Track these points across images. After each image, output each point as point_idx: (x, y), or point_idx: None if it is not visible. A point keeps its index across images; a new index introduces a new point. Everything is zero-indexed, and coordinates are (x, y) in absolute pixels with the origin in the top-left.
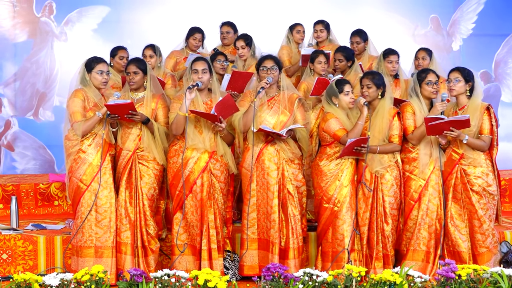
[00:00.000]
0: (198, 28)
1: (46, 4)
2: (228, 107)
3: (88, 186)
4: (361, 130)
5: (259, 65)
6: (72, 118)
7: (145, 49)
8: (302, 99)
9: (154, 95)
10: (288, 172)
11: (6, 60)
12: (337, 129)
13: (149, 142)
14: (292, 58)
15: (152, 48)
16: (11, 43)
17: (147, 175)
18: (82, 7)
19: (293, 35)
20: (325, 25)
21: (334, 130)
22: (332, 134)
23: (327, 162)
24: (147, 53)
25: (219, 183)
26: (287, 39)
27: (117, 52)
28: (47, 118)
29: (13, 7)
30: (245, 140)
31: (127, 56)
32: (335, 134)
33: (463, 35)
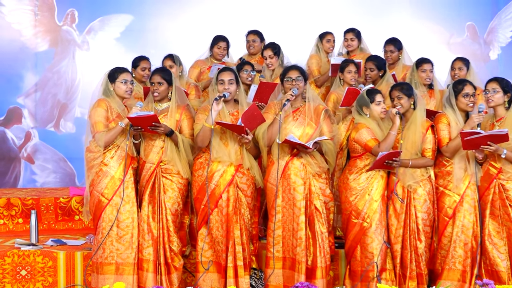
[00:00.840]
0: (222, 37)
1: (68, 13)
2: (254, 118)
3: (110, 200)
4: (393, 140)
5: (284, 76)
6: (94, 128)
7: (164, 60)
8: (328, 110)
9: (178, 106)
10: (315, 187)
11: (27, 70)
12: (369, 139)
13: (173, 155)
14: (322, 68)
15: (171, 58)
16: (32, 52)
17: (171, 189)
18: (105, 15)
19: (323, 44)
20: (355, 34)
21: (365, 140)
22: (363, 145)
23: (357, 176)
24: (166, 63)
25: (245, 198)
26: (317, 48)
27: (139, 63)
28: (68, 129)
29: (35, 15)
30: (270, 153)
31: (149, 67)
32: (367, 144)
33: (502, 43)
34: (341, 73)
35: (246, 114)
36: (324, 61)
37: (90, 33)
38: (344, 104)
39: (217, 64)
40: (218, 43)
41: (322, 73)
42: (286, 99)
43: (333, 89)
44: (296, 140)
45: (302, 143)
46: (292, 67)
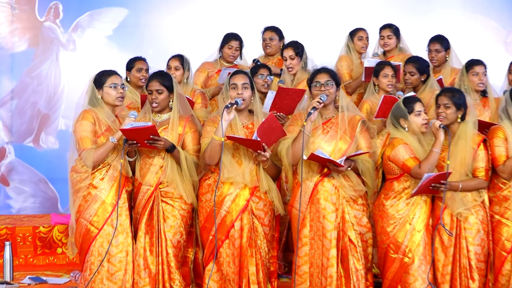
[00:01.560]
0: (234, 35)
1: (51, 6)
2: (272, 131)
3: (100, 229)
4: (437, 159)
5: (312, 80)
6: (80, 145)
7: (171, 60)
8: (366, 122)
9: (181, 117)
10: (349, 215)
11: (2, 74)
12: (407, 158)
13: (174, 175)
14: (353, 71)
15: (180, 58)
16: (8, 53)
17: (172, 217)
18: (94, 9)
19: (354, 42)
20: (393, 30)
21: (403, 159)
22: (400, 165)
23: (395, 201)
24: (173, 64)
25: (262, 227)
26: (347, 48)
27: (134, 63)
28: (50, 145)
29: (11, 9)
30: (295, 173)
31: (147, 68)
32: (404, 165)
33: None
34: (375, 78)
35: (262, 126)
36: (356, 64)
37: (77, 30)
38: (380, 115)
39: (227, 67)
40: (229, 42)
41: (354, 78)
42: (312, 107)
43: (366, 97)
44: (324, 156)
45: (332, 159)
46: (322, 69)
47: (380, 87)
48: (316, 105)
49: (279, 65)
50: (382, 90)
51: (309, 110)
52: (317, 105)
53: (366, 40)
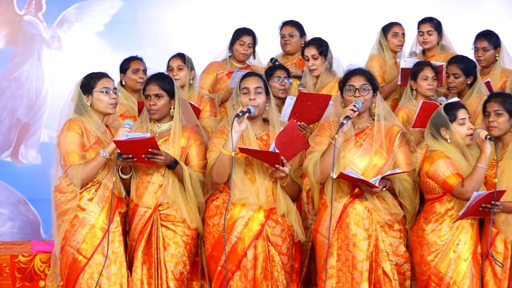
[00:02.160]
0: (247, 29)
1: None
2: (292, 142)
3: (89, 259)
4: (482, 177)
5: (344, 84)
6: (66, 161)
7: (172, 60)
8: (406, 133)
9: (184, 127)
10: (384, 243)
11: None
12: (448, 175)
13: (176, 195)
14: (387, 73)
15: (182, 58)
16: None
17: (174, 244)
18: (83, 0)
19: (388, 39)
20: (434, 25)
21: (443, 176)
22: (440, 182)
23: (437, 225)
24: (174, 64)
25: (279, 256)
26: (379, 46)
27: (128, 64)
28: (31, 160)
29: None
30: (322, 193)
31: (144, 69)
32: (445, 182)
33: None
34: (413, 81)
35: (281, 136)
36: (390, 64)
37: (63, 26)
38: (418, 125)
39: (240, 69)
40: (241, 37)
41: (387, 81)
42: (345, 117)
43: (402, 104)
44: (355, 175)
45: (364, 179)
46: (357, 71)
47: (418, 91)
48: (350, 113)
49: (300, 66)
50: (421, 95)
51: (341, 120)
52: (351, 114)
53: (402, 36)
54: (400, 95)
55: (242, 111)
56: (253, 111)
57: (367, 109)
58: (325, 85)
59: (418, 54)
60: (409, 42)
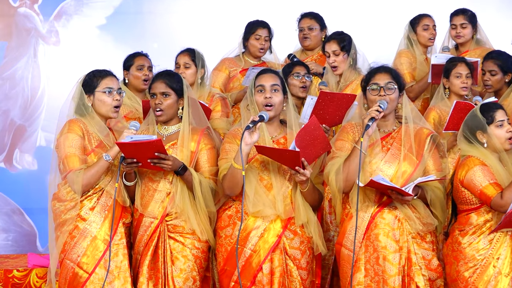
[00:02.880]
0: (262, 22)
1: None
2: (314, 141)
3: (91, 273)
4: None
5: (367, 82)
6: (65, 165)
7: (179, 56)
8: (437, 137)
9: (194, 130)
10: (416, 256)
11: None
12: (486, 185)
13: (185, 205)
14: (417, 71)
15: (190, 53)
16: None
17: (183, 258)
18: None
19: (418, 33)
20: (468, 17)
21: (480, 186)
22: (477, 193)
23: (474, 238)
24: (181, 60)
25: (298, 270)
26: (408, 41)
27: (132, 61)
28: (26, 166)
29: None
30: (346, 202)
31: (150, 66)
32: (482, 193)
33: None
34: (446, 79)
35: (303, 133)
36: (420, 60)
37: (61, 19)
38: (450, 127)
39: (255, 66)
40: (256, 31)
41: (417, 79)
42: (370, 118)
43: (434, 104)
44: (387, 183)
45: (397, 186)
46: (381, 68)
47: (451, 90)
48: (375, 115)
49: (321, 62)
50: (454, 94)
51: (366, 122)
52: (376, 116)
53: (433, 29)
54: (432, 94)
55: (253, 120)
56: (267, 117)
57: (392, 110)
58: (349, 83)
59: (450, 50)
60: (441, 37)
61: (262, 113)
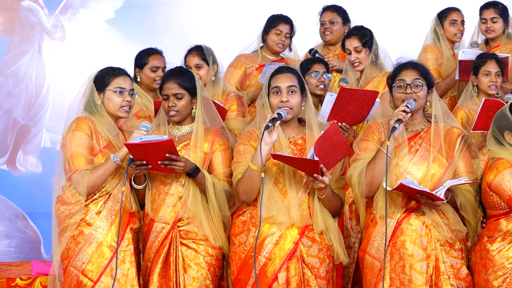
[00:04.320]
0: (284, 17)
1: None
2: (334, 147)
3: (96, 282)
4: None
5: (393, 79)
6: (71, 165)
7: (188, 57)
8: (468, 137)
9: (208, 130)
10: (445, 264)
11: None
12: None
13: (198, 209)
14: (443, 67)
15: (199, 52)
16: None
17: (196, 265)
18: None
19: (445, 28)
20: (499, 11)
21: (509, 191)
22: (506, 198)
23: (504, 245)
24: (192, 62)
25: (317, 280)
26: (434, 35)
27: (147, 59)
28: (30, 168)
29: None
30: (370, 207)
31: (164, 66)
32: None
33: None
34: (474, 76)
35: (322, 141)
36: (447, 56)
37: (67, 12)
38: (479, 127)
39: (273, 62)
40: (277, 26)
41: (443, 75)
42: (396, 120)
43: (462, 102)
44: (417, 186)
45: (428, 191)
46: (408, 64)
47: (480, 88)
48: (402, 116)
49: (344, 58)
50: (483, 92)
51: (392, 124)
52: (403, 117)
53: (462, 24)
54: (459, 92)
55: (272, 117)
56: (285, 115)
57: (421, 108)
58: (371, 80)
59: (480, 45)
60: (470, 31)
61: (280, 110)
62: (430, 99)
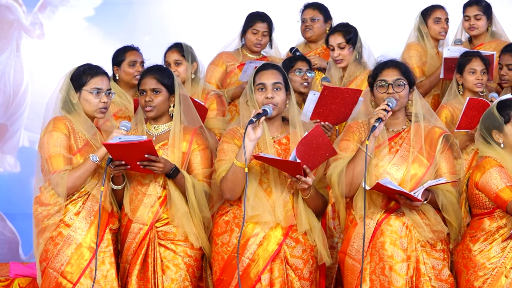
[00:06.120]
0: (261, 14)
1: None
2: (318, 149)
3: (75, 283)
4: None
5: (375, 78)
6: (49, 166)
7: (168, 53)
8: (450, 136)
9: (186, 129)
10: (426, 266)
11: None
12: (502, 188)
13: (177, 210)
14: (427, 65)
15: (179, 49)
16: None
17: (174, 266)
18: None
19: (429, 26)
20: (483, 8)
21: (496, 188)
22: (493, 196)
23: (486, 245)
24: (171, 58)
25: (300, 281)
26: (418, 33)
27: (124, 55)
28: (8, 168)
29: None
30: (350, 207)
31: (142, 61)
32: (498, 196)
33: None
34: (459, 74)
35: (304, 143)
36: (431, 54)
37: (45, 10)
38: (463, 126)
39: (254, 60)
40: (254, 25)
41: (428, 74)
42: (377, 119)
43: (446, 101)
44: (395, 187)
45: (405, 191)
46: (389, 63)
47: (465, 86)
48: (383, 115)
49: (325, 56)
50: (468, 91)
51: (372, 123)
52: (384, 116)
53: (446, 22)
54: (443, 90)
55: (257, 113)
56: (270, 111)
57: (402, 108)
58: (354, 78)
59: (463, 43)
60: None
61: (266, 107)
62: (411, 98)
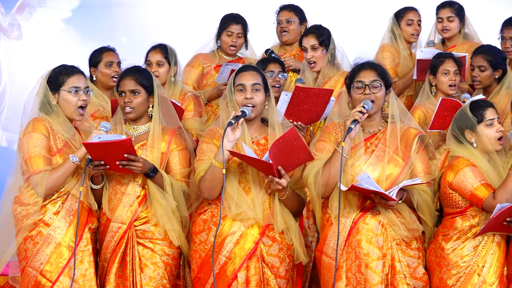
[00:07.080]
0: (235, 16)
1: None
2: (293, 152)
3: (54, 282)
4: None
5: (352, 80)
6: (29, 167)
7: (150, 53)
8: (425, 137)
9: (165, 130)
10: (401, 263)
11: None
12: (477, 186)
13: (156, 209)
14: (400, 66)
15: (163, 50)
16: None
17: (152, 265)
18: None
19: (402, 27)
20: (456, 10)
21: (471, 187)
22: (468, 195)
23: (458, 244)
24: (154, 58)
25: (276, 279)
26: (391, 35)
27: (100, 56)
28: None
29: None
30: (326, 207)
31: (118, 61)
32: (473, 195)
33: None
34: (432, 76)
35: (278, 144)
36: (404, 56)
37: (23, 11)
38: (436, 126)
39: (229, 63)
40: (228, 27)
41: (401, 75)
42: (353, 120)
43: (419, 101)
44: (371, 186)
45: (381, 191)
46: (366, 65)
47: (438, 88)
48: (359, 117)
49: (300, 58)
50: (441, 92)
51: (348, 124)
52: (360, 118)
53: (418, 24)
54: (416, 91)
55: (236, 115)
56: (249, 113)
57: (379, 109)
58: (328, 80)
59: (436, 44)
60: (427, 30)
61: (244, 108)
62: (387, 99)
